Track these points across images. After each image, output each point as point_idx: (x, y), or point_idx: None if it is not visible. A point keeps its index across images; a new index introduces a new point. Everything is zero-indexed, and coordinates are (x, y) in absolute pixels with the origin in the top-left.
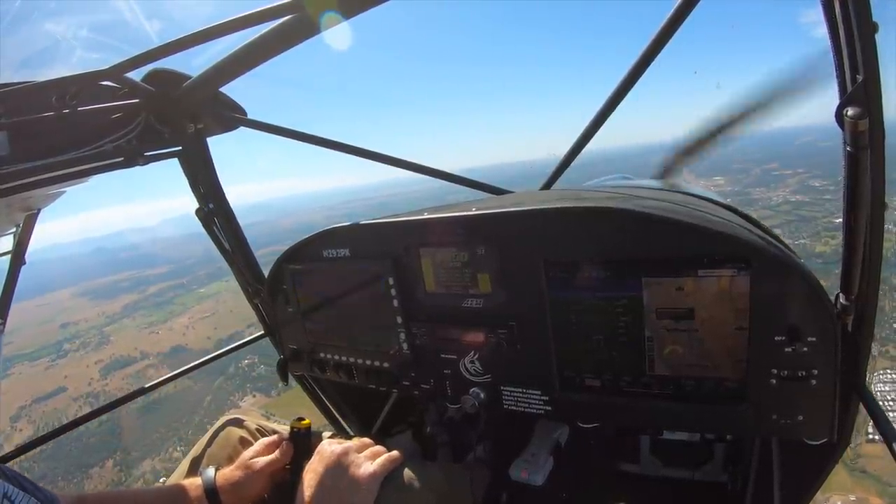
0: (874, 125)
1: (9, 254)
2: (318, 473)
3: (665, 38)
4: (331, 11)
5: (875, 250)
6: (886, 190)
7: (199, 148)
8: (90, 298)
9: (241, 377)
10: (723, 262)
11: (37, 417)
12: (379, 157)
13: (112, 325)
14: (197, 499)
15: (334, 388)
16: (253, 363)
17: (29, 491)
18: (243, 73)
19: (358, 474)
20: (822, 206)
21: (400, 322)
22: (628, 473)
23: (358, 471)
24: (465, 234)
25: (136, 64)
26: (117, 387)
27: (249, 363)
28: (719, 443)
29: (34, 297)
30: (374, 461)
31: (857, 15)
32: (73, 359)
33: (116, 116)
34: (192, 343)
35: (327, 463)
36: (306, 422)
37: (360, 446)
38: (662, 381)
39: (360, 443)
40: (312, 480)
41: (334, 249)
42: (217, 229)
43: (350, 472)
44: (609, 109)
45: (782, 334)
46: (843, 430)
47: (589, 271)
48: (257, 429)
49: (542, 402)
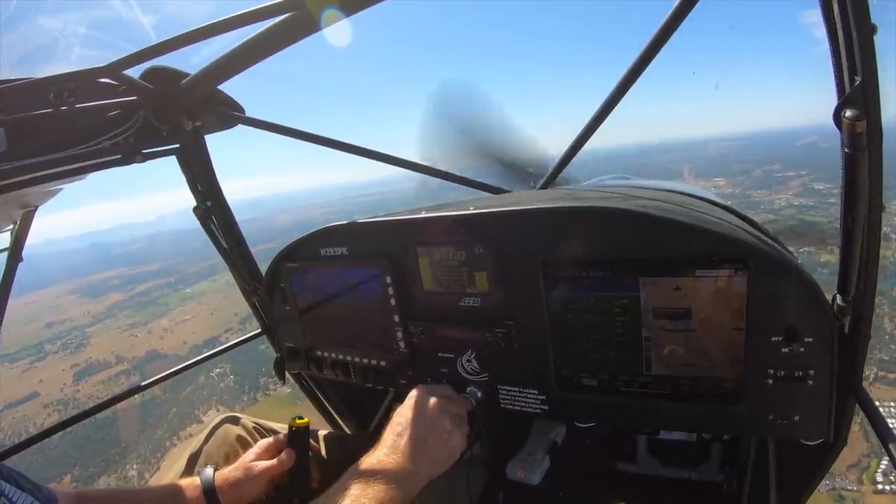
0: (872, 127)
1: (6, 251)
2: (416, 410)
3: (664, 38)
4: (331, 8)
5: (872, 251)
6: (884, 192)
7: (197, 146)
8: (79, 296)
9: (210, 388)
10: (720, 263)
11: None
12: (376, 156)
13: (95, 326)
14: (195, 499)
15: (331, 387)
16: (224, 372)
17: (27, 489)
18: (242, 71)
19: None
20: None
21: (397, 320)
22: (625, 473)
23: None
24: (462, 233)
25: (134, 61)
26: (88, 394)
27: (220, 372)
28: (716, 442)
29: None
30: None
31: (855, 16)
32: (51, 361)
33: (114, 114)
34: (167, 348)
35: (425, 400)
36: (305, 420)
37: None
38: (659, 381)
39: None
40: (406, 414)
41: (332, 248)
42: (214, 227)
43: (451, 412)
44: (607, 109)
45: (779, 334)
46: (840, 431)
47: (586, 271)
48: (254, 427)
49: (539, 402)
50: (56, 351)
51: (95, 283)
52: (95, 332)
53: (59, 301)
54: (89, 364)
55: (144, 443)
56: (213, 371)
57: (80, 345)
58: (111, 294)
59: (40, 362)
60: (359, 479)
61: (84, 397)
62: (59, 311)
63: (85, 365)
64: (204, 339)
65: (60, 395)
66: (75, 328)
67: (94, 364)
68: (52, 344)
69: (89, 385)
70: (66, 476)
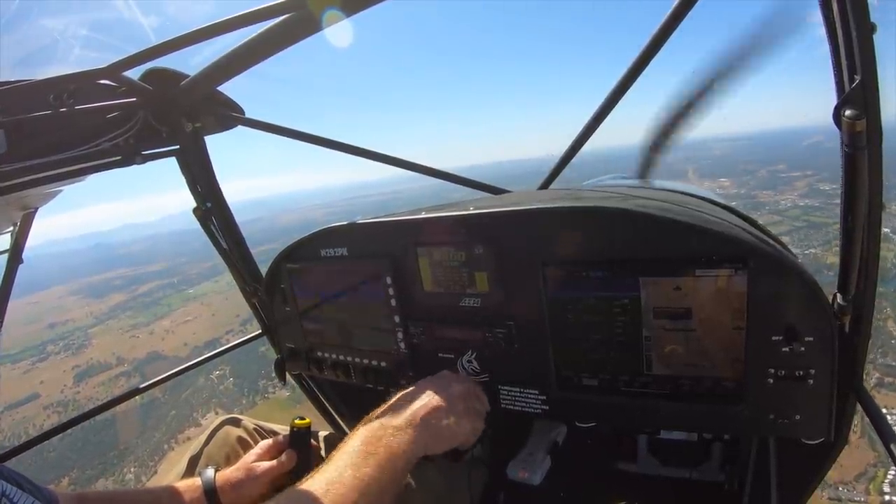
0: (872, 126)
1: (6, 253)
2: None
3: (664, 38)
4: (332, 9)
5: (872, 250)
6: (884, 192)
7: (197, 147)
8: (82, 297)
9: (209, 390)
10: (720, 262)
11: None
12: (376, 157)
13: (97, 327)
14: (196, 499)
15: (332, 388)
16: (224, 374)
17: (28, 490)
18: (242, 72)
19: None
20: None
21: (397, 321)
22: (626, 472)
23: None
24: (462, 234)
25: (133, 62)
26: (88, 395)
27: (220, 374)
28: (717, 442)
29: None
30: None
31: (855, 15)
32: (53, 362)
33: (114, 115)
34: (168, 350)
35: (459, 382)
36: (306, 421)
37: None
38: (660, 381)
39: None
40: (439, 383)
41: (332, 248)
42: (214, 228)
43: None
44: (607, 108)
45: (780, 334)
46: (840, 430)
47: (586, 271)
48: (255, 428)
49: (540, 402)
50: (58, 352)
51: (99, 284)
52: (97, 333)
53: (62, 302)
54: (90, 365)
55: (143, 445)
56: (213, 373)
57: (82, 345)
58: (114, 294)
59: (42, 363)
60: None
61: (84, 399)
62: (62, 312)
63: (86, 366)
64: (205, 341)
65: (61, 396)
66: (78, 329)
67: (95, 365)
68: (54, 345)
69: (89, 387)
70: (64, 479)
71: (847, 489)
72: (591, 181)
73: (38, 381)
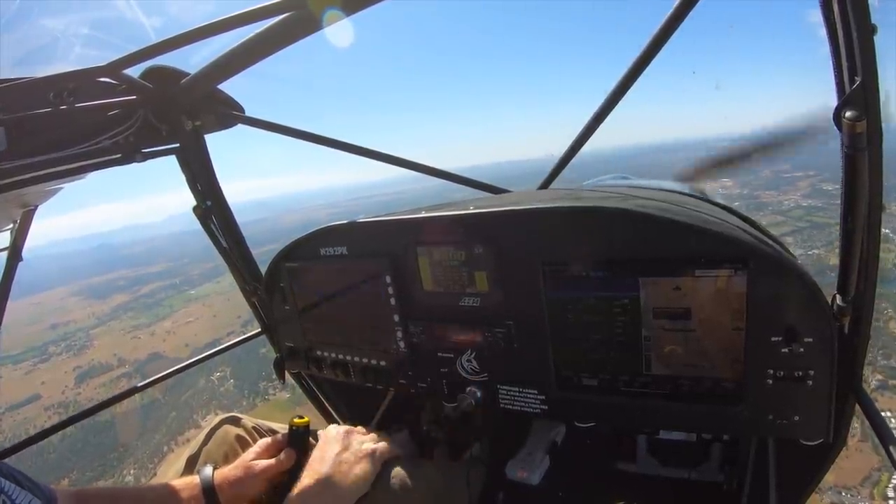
0: (872, 127)
1: (6, 250)
2: (322, 449)
3: (664, 38)
4: (332, 8)
5: (872, 252)
6: (884, 192)
7: (197, 145)
8: (84, 297)
9: (210, 392)
10: (720, 262)
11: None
12: (377, 156)
13: (99, 328)
14: (194, 497)
15: (331, 386)
16: (224, 376)
17: (27, 487)
18: (242, 71)
19: (360, 450)
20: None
21: (397, 320)
22: (625, 473)
23: (360, 447)
24: (462, 233)
25: (134, 61)
26: (88, 396)
27: (221, 375)
28: (716, 442)
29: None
30: (376, 443)
31: (855, 17)
32: (55, 363)
33: (114, 113)
34: (168, 350)
35: (331, 439)
36: (305, 420)
37: (362, 431)
38: (659, 381)
39: (362, 429)
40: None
41: (331, 247)
42: (214, 227)
43: (352, 448)
44: (607, 109)
45: (779, 335)
46: (839, 431)
47: (586, 271)
48: (254, 427)
49: (539, 402)
50: (59, 353)
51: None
52: (99, 334)
53: (64, 302)
54: (91, 366)
55: (142, 447)
56: (214, 375)
57: (84, 346)
58: (116, 295)
59: (44, 364)
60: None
61: (85, 400)
62: (64, 313)
63: (87, 367)
64: (206, 342)
65: (62, 397)
66: (79, 329)
67: (96, 366)
68: (55, 345)
69: (90, 388)
70: (64, 480)
71: (851, 494)
72: (591, 181)
73: (40, 381)
